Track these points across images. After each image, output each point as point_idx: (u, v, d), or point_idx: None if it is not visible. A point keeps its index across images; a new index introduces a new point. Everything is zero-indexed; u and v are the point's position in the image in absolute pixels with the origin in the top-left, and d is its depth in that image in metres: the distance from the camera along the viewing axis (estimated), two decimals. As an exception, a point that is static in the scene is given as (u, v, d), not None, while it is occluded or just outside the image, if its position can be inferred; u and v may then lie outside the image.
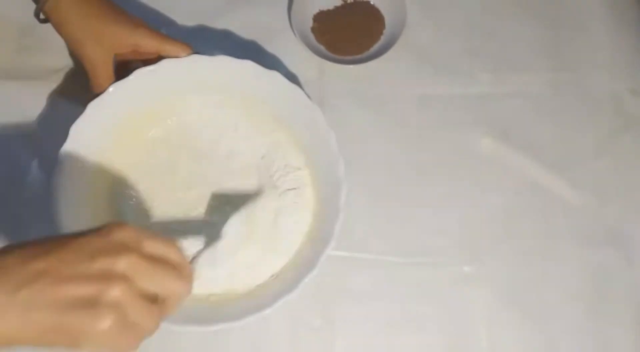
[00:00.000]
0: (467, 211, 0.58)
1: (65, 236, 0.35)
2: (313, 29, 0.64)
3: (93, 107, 0.51)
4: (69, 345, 0.33)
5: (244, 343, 0.54)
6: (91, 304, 0.32)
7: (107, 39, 0.51)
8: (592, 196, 0.59)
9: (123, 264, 0.34)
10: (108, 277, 0.33)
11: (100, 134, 0.52)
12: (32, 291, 0.32)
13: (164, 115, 0.56)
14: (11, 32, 0.63)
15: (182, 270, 0.37)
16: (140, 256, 0.35)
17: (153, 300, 0.35)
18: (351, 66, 0.62)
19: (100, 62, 0.52)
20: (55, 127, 0.51)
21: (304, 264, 0.50)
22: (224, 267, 0.51)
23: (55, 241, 0.35)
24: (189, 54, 0.53)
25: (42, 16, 0.53)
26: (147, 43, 0.52)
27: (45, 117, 0.59)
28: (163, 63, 0.52)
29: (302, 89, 0.53)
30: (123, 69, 0.53)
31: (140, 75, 0.52)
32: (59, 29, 0.53)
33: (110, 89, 0.52)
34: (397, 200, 0.58)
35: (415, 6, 0.64)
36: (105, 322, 0.32)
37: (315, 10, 0.65)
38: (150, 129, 0.56)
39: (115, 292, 0.33)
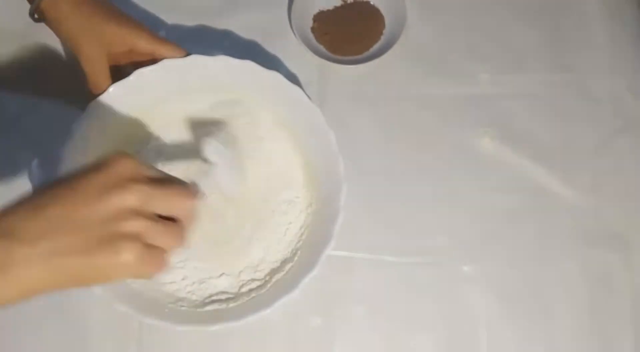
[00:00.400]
0: (467, 211, 0.58)
1: (68, 178, 0.36)
2: (313, 29, 0.64)
3: (93, 107, 0.51)
4: (99, 282, 0.35)
5: (244, 343, 0.54)
6: (111, 242, 0.34)
7: (104, 37, 0.51)
8: (592, 196, 0.59)
9: (131, 195, 0.35)
10: (121, 212, 0.34)
11: (100, 134, 0.52)
12: (51, 239, 0.33)
13: (164, 115, 0.56)
14: (12, 31, 0.63)
15: (187, 187, 0.38)
16: (146, 182, 0.36)
17: (170, 220, 0.36)
18: (351, 66, 0.62)
19: (97, 60, 0.51)
20: (56, 127, 0.51)
21: (304, 264, 0.50)
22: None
23: (59, 185, 0.35)
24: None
25: (36, 16, 0.53)
26: (144, 44, 0.52)
27: (46, 117, 0.59)
28: (163, 63, 0.52)
29: (302, 89, 0.53)
30: (115, 72, 0.53)
31: (140, 75, 0.52)
32: (55, 26, 0.52)
33: (111, 89, 0.52)
34: (397, 200, 0.58)
35: (415, 6, 0.64)
36: (129, 255, 0.34)
37: (316, 11, 0.65)
38: (150, 130, 0.56)
39: (130, 225, 0.34)
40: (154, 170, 0.38)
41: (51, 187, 0.35)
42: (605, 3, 0.66)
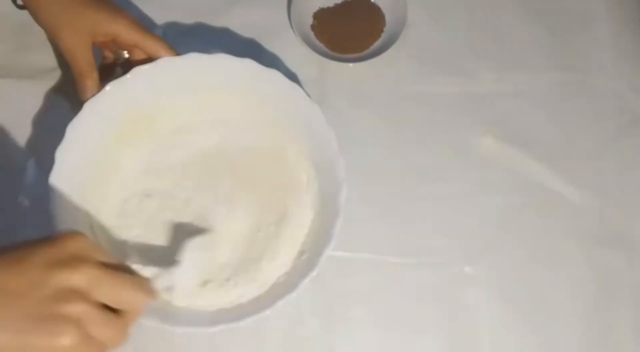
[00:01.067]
0: (468, 211, 0.58)
1: (19, 246, 0.35)
2: (313, 27, 0.64)
3: (90, 106, 0.51)
4: None
5: (244, 344, 0.53)
6: (51, 322, 0.32)
7: (84, 25, 0.50)
8: (595, 196, 0.59)
9: (79, 276, 0.33)
10: (65, 292, 0.33)
11: (97, 133, 0.52)
12: None
13: (162, 114, 0.55)
14: (9, 30, 0.63)
15: (139, 279, 0.38)
16: (96, 266, 0.35)
17: (114, 311, 0.35)
18: (351, 64, 0.61)
19: (78, 49, 0.50)
20: (52, 126, 0.51)
21: (304, 264, 0.50)
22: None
23: (10, 253, 0.34)
24: (170, 55, 0.52)
25: (18, 2, 0.52)
26: (127, 34, 0.51)
27: (42, 116, 0.59)
28: (161, 61, 0.52)
29: (302, 88, 0.53)
30: (105, 73, 0.53)
31: (137, 74, 0.52)
32: (35, 15, 0.51)
33: (107, 87, 0.51)
34: (397, 200, 0.58)
35: (415, 4, 0.64)
36: (67, 339, 0.32)
37: (315, 8, 0.65)
38: (148, 128, 0.56)
39: (73, 307, 0.33)
40: (108, 256, 0.36)
41: (1, 251, 0.34)
42: (608, 1, 0.66)
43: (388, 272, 0.56)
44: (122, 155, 0.54)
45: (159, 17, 0.64)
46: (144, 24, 0.61)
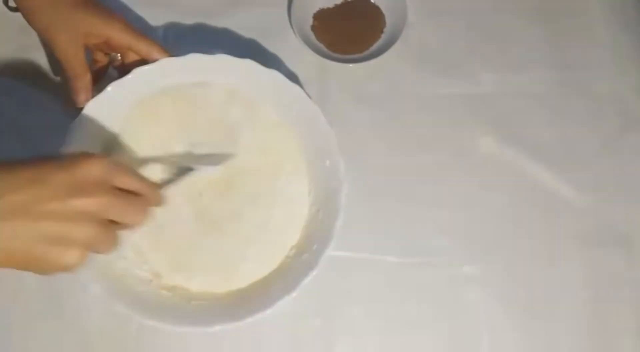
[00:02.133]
0: (468, 211, 0.58)
1: (42, 166, 0.37)
2: (313, 28, 0.64)
3: (91, 106, 0.51)
4: (40, 272, 0.38)
5: (244, 344, 0.53)
6: (62, 242, 0.36)
7: (76, 27, 0.50)
8: (595, 196, 0.59)
9: (94, 204, 0.37)
10: (79, 216, 0.37)
11: (98, 134, 0.52)
12: (12, 225, 0.35)
13: (162, 114, 0.56)
14: (9, 30, 0.63)
15: (149, 199, 0.42)
16: (111, 193, 0.38)
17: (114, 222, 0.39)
18: (351, 65, 0.61)
19: (70, 50, 0.51)
20: (53, 127, 0.51)
21: (304, 264, 0.50)
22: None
23: (32, 171, 0.37)
24: (164, 57, 0.52)
25: (10, 4, 0.52)
26: (120, 36, 0.51)
27: (43, 117, 0.59)
28: (161, 61, 0.52)
29: (302, 88, 0.53)
30: (97, 76, 0.53)
31: (138, 74, 0.52)
32: (28, 17, 0.52)
33: (109, 88, 0.51)
34: (397, 200, 0.58)
35: (416, 4, 0.64)
36: (73, 259, 0.37)
37: (316, 9, 0.65)
38: (148, 128, 0.56)
39: (86, 232, 0.37)
40: (122, 175, 0.40)
41: (25, 168, 0.37)
42: (607, 2, 0.66)
43: (388, 271, 0.56)
44: (123, 155, 0.54)
45: (160, 17, 0.64)
46: (144, 24, 0.61)
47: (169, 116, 0.55)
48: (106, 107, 0.51)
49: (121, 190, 0.40)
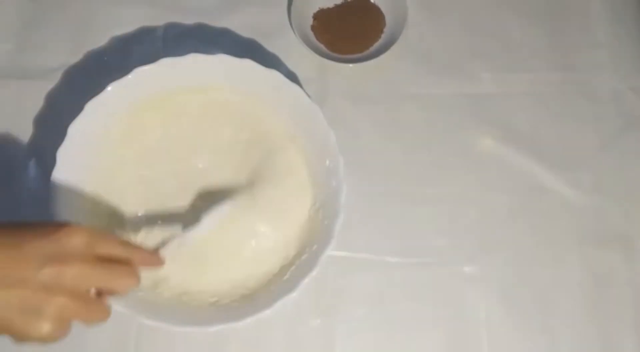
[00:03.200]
0: (468, 211, 0.58)
1: (21, 233, 0.36)
2: (313, 28, 0.64)
3: (91, 106, 0.51)
4: (14, 340, 0.36)
5: (244, 344, 0.53)
6: (35, 312, 0.34)
7: None
8: (594, 195, 0.58)
9: (70, 274, 0.35)
10: (54, 286, 0.35)
11: (98, 134, 0.52)
12: None
13: (162, 114, 0.56)
14: (10, 30, 0.63)
15: (133, 267, 0.39)
16: (91, 262, 0.36)
17: (98, 294, 0.38)
18: (351, 65, 0.61)
19: None
20: (53, 126, 0.51)
21: (304, 264, 0.50)
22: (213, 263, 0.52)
23: (9, 237, 0.36)
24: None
25: None
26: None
27: (43, 117, 0.59)
28: (162, 61, 0.52)
29: (302, 88, 0.53)
30: None
31: (138, 74, 0.52)
32: None
33: (109, 88, 0.51)
34: (397, 200, 0.58)
35: (415, 5, 0.64)
36: (45, 329, 0.34)
37: (315, 9, 0.65)
38: (149, 128, 0.56)
39: (58, 303, 0.35)
40: (104, 243, 0.38)
41: (3, 233, 0.36)
42: (607, 2, 0.66)
43: (388, 271, 0.56)
44: (123, 154, 0.54)
45: (160, 17, 0.64)
46: (144, 25, 0.61)
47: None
48: (106, 107, 0.51)
49: (108, 259, 0.38)
